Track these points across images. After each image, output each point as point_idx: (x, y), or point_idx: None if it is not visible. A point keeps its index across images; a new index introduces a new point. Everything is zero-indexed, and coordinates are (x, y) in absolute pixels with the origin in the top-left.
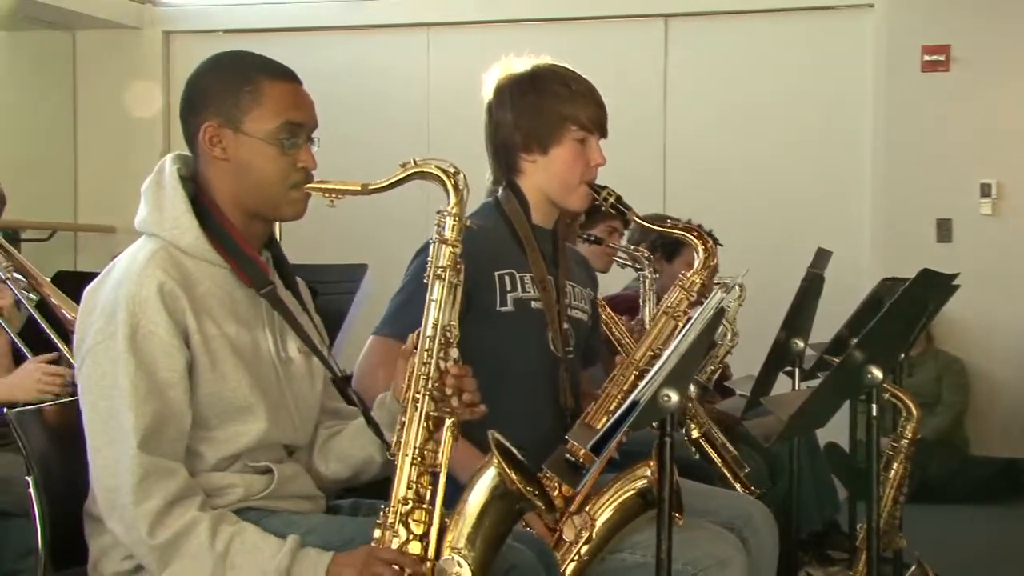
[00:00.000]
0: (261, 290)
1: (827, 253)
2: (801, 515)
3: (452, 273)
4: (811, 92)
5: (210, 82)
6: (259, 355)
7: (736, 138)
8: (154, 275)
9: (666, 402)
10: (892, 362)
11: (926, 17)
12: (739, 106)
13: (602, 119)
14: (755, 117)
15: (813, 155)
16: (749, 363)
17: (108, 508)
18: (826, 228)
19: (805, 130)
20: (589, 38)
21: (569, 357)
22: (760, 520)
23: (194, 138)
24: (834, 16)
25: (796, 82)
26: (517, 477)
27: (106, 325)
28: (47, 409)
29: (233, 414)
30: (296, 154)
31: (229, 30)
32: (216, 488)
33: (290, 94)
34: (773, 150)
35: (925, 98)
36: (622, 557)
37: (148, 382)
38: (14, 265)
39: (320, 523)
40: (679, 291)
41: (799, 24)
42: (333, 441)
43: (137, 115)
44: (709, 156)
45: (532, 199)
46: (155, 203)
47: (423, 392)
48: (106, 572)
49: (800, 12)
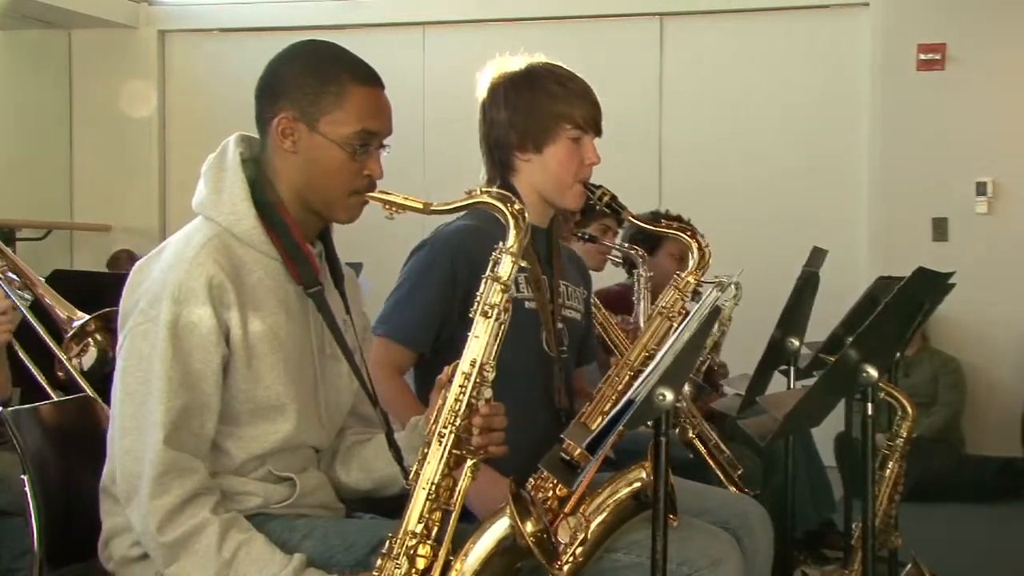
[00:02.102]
0: (309, 289)
1: (823, 251)
2: (797, 514)
3: (501, 312)
4: (807, 91)
5: (293, 73)
6: (301, 349)
7: (732, 137)
8: (205, 265)
9: (661, 401)
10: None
11: (922, 16)
12: (735, 105)
13: (597, 118)
14: (750, 116)
15: (809, 154)
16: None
17: (127, 493)
18: (822, 226)
19: (801, 129)
20: (585, 37)
21: (563, 357)
22: (755, 519)
23: (266, 124)
24: (830, 15)
25: (792, 80)
26: (530, 531)
27: (150, 308)
28: (43, 408)
29: (264, 412)
30: (365, 161)
31: (224, 29)
32: (236, 493)
33: (372, 101)
34: (768, 149)
35: (921, 97)
36: (617, 557)
37: (182, 373)
38: (9, 265)
39: (320, 527)
40: (674, 291)
41: (795, 23)
42: (359, 449)
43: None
44: (705, 155)
45: (526, 198)
46: (215, 185)
47: (450, 429)
48: (115, 555)
49: (796, 11)
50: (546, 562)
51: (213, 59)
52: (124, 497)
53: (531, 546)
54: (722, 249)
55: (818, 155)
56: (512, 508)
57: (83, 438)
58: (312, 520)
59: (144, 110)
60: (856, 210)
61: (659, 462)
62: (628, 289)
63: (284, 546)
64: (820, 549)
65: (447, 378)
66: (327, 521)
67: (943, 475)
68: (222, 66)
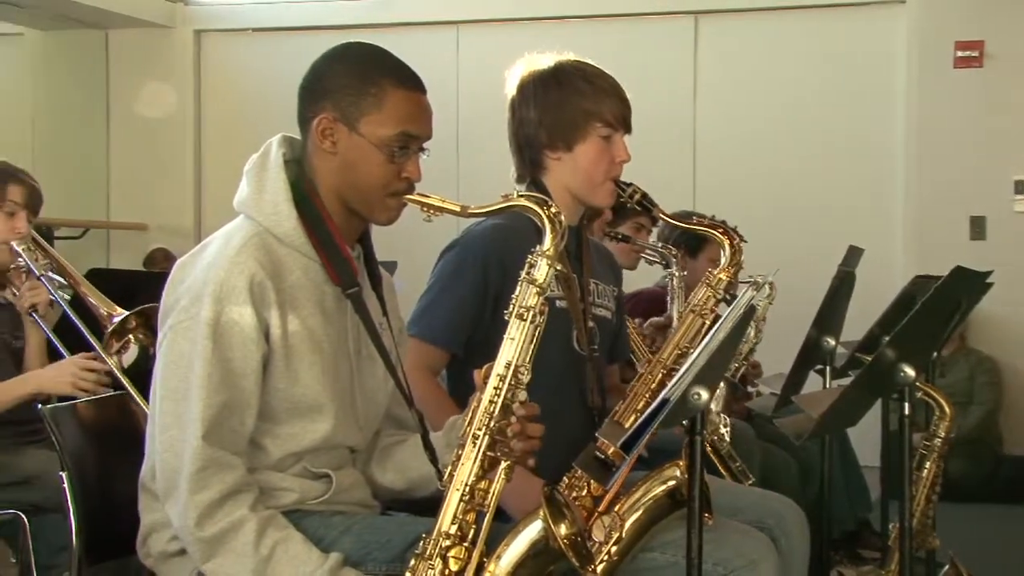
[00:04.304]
0: (347, 290)
1: (858, 251)
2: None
3: (537, 315)
4: (843, 89)
5: (335, 74)
6: (338, 351)
7: (767, 135)
8: (246, 264)
9: (696, 400)
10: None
11: (959, 13)
12: (770, 103)
13: (626, 115)
14: (786, 114)
15: (845, 152)
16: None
17: (167, 489)
18: (858, 226)
19: (837, 127)
20: (619, 35)
21: (595, 355)
22: (791, 519)
23: (307, 124)
24: (866, 12)
25: (827, 79)
26: (564, 533)
27: (191, 305)
28: (81, 406)
29: (302, 411)
30: (404, 163)
31: (259, 28)
32: (273, 488)
33: (412, 104)
34: (804, 147)
35: (958, 95)
36: (652, 556)
37: (222, 371)
38: (51, 262)
39: (357, 523)
40: (706, 289)
41: (830, 20)
42: (394, 450)
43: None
44: (739, 154)
45: (556, 196)
46: (257, 185)
47: (484, 430)
48: (153, 550)
49: (832, 8)
50: (580, 565)
51: (247, 58)
52: (163, 493)
53: (564, 549)
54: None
55: (854, 154)
56: (546, 511)
57: (121, 435)
58: (349, 517)
59: (163, 111)
60: (893, 209)
61: (694, 461)
62: (664, 290)
63: (320, 543)
64: (856, 549)
65: (482, 379)
66: (363, 518)
67: (981, 475)
68: (256, 65)
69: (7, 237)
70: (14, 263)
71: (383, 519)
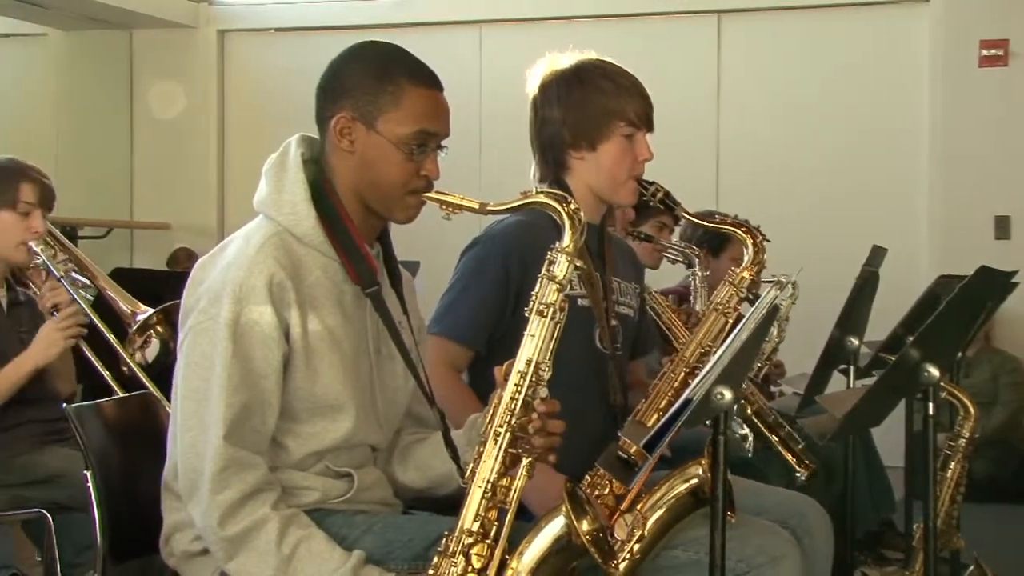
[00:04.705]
0: (367, 289)
1: (882, 250)
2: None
3: (557, 312)
4: (866, 88)
5: (352, 73)
6: (357, 350)
7: (790, 134)
8: (265, 264)
9: (719, 400)
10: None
11: (984, 11)
12: (793, 102)
13: (649, 114)
14: (809, 113)
15: (868, 151)
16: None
17: (189, 489)
18: (882, 225)
19: (860, 126)
20: (642, 34)
21: (618, 354)
22: (814, 519)
23: (325, 124)
24: (890, 11)
25: (851, 78)
26: (586, 530)
27: (210, 306)
28: (105, 404)
29: (322, 411)
30: (422, 161)
31: (282, 28)
32: (295, 487)
33: (430, 102)
34: (827, 147)
35: (983, 93)
36: (675, 554)
37: (242, 371)
38: (72, 260)
39: (379, 522)
40: (729, 287)
41: (854, 19)
42: (415, 449)
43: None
44: (763, 153)
45: (579, 195)
46: (276, 185)
47: (506, 427)
48: (176, 550)
49: (855, 7)
50: (602, 561)
51: (270, 58)
52: (185, 492)
53: (587, 545)
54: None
55: (878, 153)
56: (568, 507)
57: (144, 434)
58: (371, 516)
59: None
60: (917, 208)
61: (717, 460)
62: (687, 290)
63: (343, 541)
64: (880, 550)
65: (503, 376)
66: (385, 517)
67: (1005, 476)
68: (280, 65)
69: (24, 237)
70: (33, 261)
71: (405, 518)
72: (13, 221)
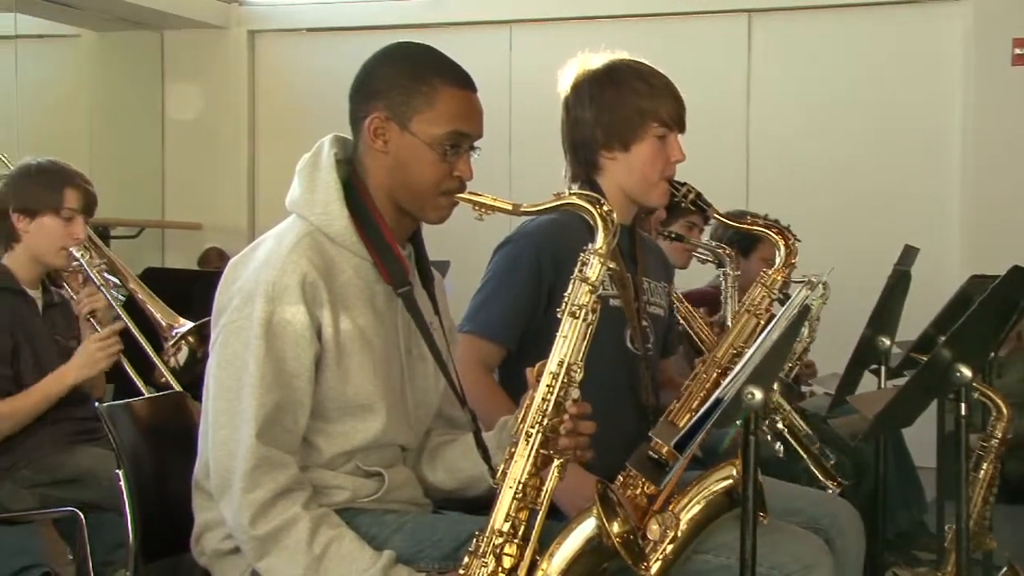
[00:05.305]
0: (399, 289)
1: (914, 250)
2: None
3: (589, 313)
4: (898, 87)
5: (386, 73)
6: (388, 350)
7: (821, 134)
8: (298, 264)
9: (750, 400)
10: (982, 361)
11: (1017, 10)
12: (824, 102)
13: (681, 114)
14: (840, 113)
15: (900, 151)
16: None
17: (220, 487)
18: (913, 225)
19: (892, 126)
20: (672, 34)
21: (648, 354)
22: (846, 520)
23: (359, 124)
24: (922, 9)
25: (883, 77)
26: (617, 531)
27: (243, 305)
28: (136, 404)
29: (353, 410)
30: (455, 162)
31: (313, 28)
32: (325, 486)
33: (463, 103)
34: (859, 146)
35: (1016, 92)
36: (706, 559)
37: (275, 370)
38: (106, 263)
39: (409, 522)
40: (761, 289)
41: (885, 18)
42: (445, 450)
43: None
44: (794, 153)
45: (611, 196)
46: (308, 184)
47: (537, 428)
48: (207, 548)
49: (887, 6)
50: (632, 563)
51: (301, 58)
52: (217, 491)
53: (618, 547)
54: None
55: (910, 152)
56: (599, 508)
57: (175, 434)
58: (401, 516)
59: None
60: (949, 207)
61: (748, 461)
62: (718, 290)
63: (373, 541)
64: (912, 551)
65: (535, 377)
66: (415, 516)
67: None
68: (310, 65)
69: (65, 243)
70: (70, 266)
71: (435, 517)
72: (56, 226)
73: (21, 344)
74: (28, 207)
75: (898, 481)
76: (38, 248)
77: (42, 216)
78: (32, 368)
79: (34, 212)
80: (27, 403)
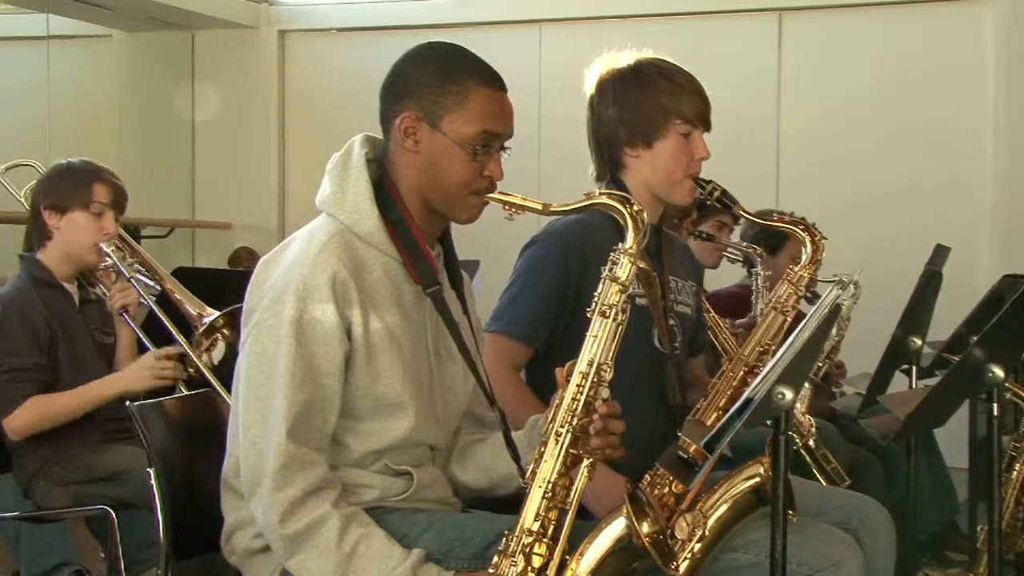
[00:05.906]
0: (428, 289)
1: (945, 249)
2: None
3: (619, 313)
4: (930, 86)
5: (417, 73)
6: (417, 349)
7: (852, 133)
8: (328, 263)
9: (780, 400)
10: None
11: None
12: (855, 100)
13: (706, 112)
14: (871, 112)
15: (932, 150)
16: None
17: (251, 486)
18: (945, 224)
19: (923, 125)
20: (702, 33)
21: (676, 353)
22: (877, 520)
23: (389, 123)
24: (953, 7)
25: (913, 76)
26: (646, 531)
27: (273, 304)
28: (167, 402)
29: (382, 409)
30: (486, 162)
31: (343, 28)
32: (355, 485)
33: (495, 102)
34: (890, 145)
35: None
36: (735, 556)
37: (305, 369)
38: (139, 261)
39: (439, 521)
40: (787, 285)
41: (917, 16)
42: (475, 449)
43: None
44: (824, 152)
45: (636, 194)
46: (339, 184)
47: (567, 428)
48: (237, 547)
49: (918, 4)
50: (662, 563)
51: (331, 58)
52: (247, 489)
53: (647, 547)
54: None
55: (941, 151)
56: (628, 508)
57: (206, 432)
58: (430, 514)
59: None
60: (981, 207)
61: (778, 461)
62: (745, 290)
63: (403, 540)
64: (943, 551)
65: (564, 377)
66: (445, 515)
67: None
68: (340, 65)
69: (96, 239)
70: (103, 263)
71: (464, 516)
72: (86, 222)
73: (58, 336)
74: (58, 204)
75: (930, 482)
76: (70, 244)
77: (72, 212)
78: (68, 361)
79: (64, 208)
80: (74, 402)
